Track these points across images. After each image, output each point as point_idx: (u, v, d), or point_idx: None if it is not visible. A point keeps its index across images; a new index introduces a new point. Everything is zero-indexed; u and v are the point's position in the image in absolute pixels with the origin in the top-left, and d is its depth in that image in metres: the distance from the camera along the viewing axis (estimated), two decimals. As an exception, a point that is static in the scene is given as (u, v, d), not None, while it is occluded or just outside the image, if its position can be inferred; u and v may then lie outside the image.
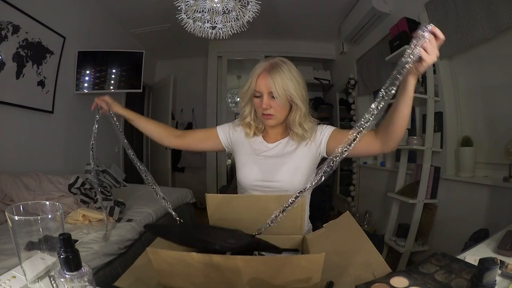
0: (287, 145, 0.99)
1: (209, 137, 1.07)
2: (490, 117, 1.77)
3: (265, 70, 0.90)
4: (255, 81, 0.90)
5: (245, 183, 0.99)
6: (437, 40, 0.63)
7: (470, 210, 1.75)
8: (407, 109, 0.73)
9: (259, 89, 0.90)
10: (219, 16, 1.69)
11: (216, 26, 1.75)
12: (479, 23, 1.64)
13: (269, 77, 0.88)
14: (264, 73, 0.89)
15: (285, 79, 0.88)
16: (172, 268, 0.56)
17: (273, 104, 0.90)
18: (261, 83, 0.90)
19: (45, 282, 0.48)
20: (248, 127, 1.01)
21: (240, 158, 1.02)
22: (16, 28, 1.90)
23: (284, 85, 0.87)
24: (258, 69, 0.91)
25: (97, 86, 2.65)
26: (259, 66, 0.92)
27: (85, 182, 1.82)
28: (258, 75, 0.90)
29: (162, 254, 0.55)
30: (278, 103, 0.89)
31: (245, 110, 0.99)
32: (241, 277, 0.53)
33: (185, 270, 0.55)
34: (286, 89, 0.88)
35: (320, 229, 0.82)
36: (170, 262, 0.55)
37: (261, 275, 0.53)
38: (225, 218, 0.84)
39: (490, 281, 0.47)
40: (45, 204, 0.48)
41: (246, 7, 1.67)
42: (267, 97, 0.90)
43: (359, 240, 0.71)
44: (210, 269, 0.53)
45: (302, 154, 0.96)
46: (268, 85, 0.88)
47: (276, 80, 0.87)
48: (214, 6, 1.63)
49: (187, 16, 1.71)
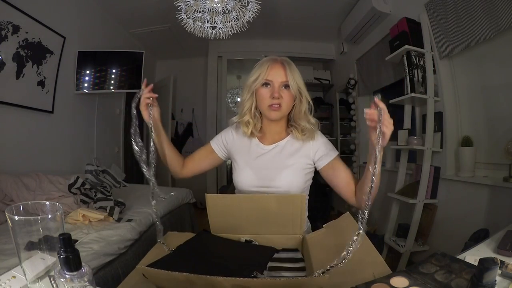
0: (284, 148, 0.98)
1: (206, 155, 1.07)
2: (490, 117, 1.77)
3: (277, 62, 0.92)
4: (266, 71, 0.91)
5: (241, 188, 0.99)
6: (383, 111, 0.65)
7: (470, 210, 1.75)
8: (377, 180, 0.71)
9: (270, 78, 0.91)
10: (219, 16, 1.70)
11: (216, 26, 1.75)
12: (479, 23, 1.64)
13: (284, 68, 0.91)
14: (277, 64, 0.91)
15: (296, 72, 0.92)
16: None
17: (283, 94, 0.91)
18: (274, 73, 0.91)
19: (45, 282, 0.48)
20: (246, 126, 0.99)
21: (237, 163, 1.01)
22: (16, 28, 1.90)
23: (297, 77, 0.91)
24: (268, 62, 0.92)
25: (97, 86, 2.66)
26: (267, 59, 0.93)
27: (85, 182, 1.82)
28: (270, 66, 0.91)
29: (151, 272, 0.56)
30: (288, 93, 0.91)
31: (245, 105, 0.97)
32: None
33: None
34: (298, 82, 0.91)
35: (320, 229, 0.82)
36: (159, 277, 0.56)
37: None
38: (225, 218, 0.84)
39: (490, 281, 0.47)
40: (45, 204, 0.48)
41: (246, 7, 1.67)
42: (278, 86, 0.91)
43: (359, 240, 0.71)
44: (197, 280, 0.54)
45: (300, 157, 0.95)
46: (282, 74, 0.90)
47: (292, 71, 0.91)
48: (214, 6, 1.63)
49: (187, 16, 1.71)
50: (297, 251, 0.82)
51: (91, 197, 1.77)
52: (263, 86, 0.92)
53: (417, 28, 2.06)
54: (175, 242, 0.81)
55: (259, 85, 0.92)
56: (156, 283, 0.59)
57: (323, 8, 2.96)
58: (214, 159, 1.06)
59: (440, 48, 1.94)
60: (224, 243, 0.82)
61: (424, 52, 1.99)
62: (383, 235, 2.31)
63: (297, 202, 0.78)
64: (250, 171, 0.97)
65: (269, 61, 0.92)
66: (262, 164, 0.97)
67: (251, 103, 0.97)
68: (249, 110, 0.98)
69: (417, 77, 2.01)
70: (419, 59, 2.02)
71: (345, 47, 3.48)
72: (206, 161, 1.07)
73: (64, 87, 2.40)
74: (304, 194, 0.80)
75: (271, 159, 0.97)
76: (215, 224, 0.85)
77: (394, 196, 2.21)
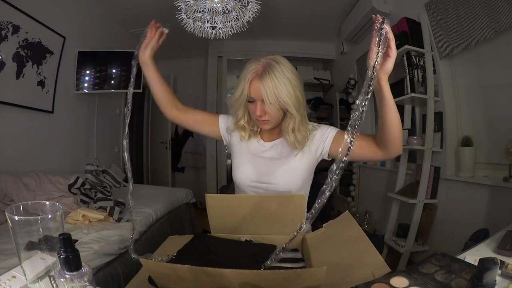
0: (283, 147, 0.97)
1: (209, 123, 1.04)
2: (490, 117, 1.77)
3: (256, 75, 0.82)
4: (248, 87, 0.84)
5: (240, 183, 0.98)
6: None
7: (470, 210, 1.75)
8: (393, 115, 0.72)
9: (252, 96, 0.85)
10: (219, 16, 1.69)
11: (216, 26, 1.75)
12: (479, 23, 1.64)
13: (260, 84, 0.81)
14: (256, 78, 0.83)
15: (277, 84, 0.80)
16: (164, 276, 0.57)
17: (267, 111, 0.85)
18: (254, 90, 0.83)
19: (45, 282, 0.48)
20: (242, 130, 0.98)
21: (236, 157, 1.01)
22: (16, 28, 1.90)
23: (276, 91, 0.80)
24: (249, 74, 0.84)
25: (97, 86, 2.65)
26: (250, 69, 0.84)
27: (85, 182, 1.82)
28: (251, 81, 0.83)
29: (153, 265, 0.57)
30: (273, 107, 0.84)
31: (238, 113, 0.94)
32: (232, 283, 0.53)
33: (176, 279, 0.56)
34: (278, 96, 0.81)
35: (320, 229, 0.82)
36: (161, 271, 0.57)
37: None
38: (225, 218, 0.84)
39: (490, 281, 0.47)
40: (45, 204, 0.48)
41: (246, 7, 1.67)
42: (260, 104, 0.84)
43: (359, 240, 0.71)
44: (201, 273, 0.53)
45: (299, 156, 0.94)
46: (260, 92, 0.82)
47: (267, 87, 0.80)
48: (214, 6, 1.63)
49: (187, 16, 1.71)
50: (297, 251, 0.82)
51: (91, 197, 1.77)
52: (249, 101, 0.87)
53: (417, 28, 2.06)
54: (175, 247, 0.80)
55: (245, 101, 0.88)
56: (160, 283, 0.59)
57: (323, 8, 2.95)
58: (214, 131, 1.04)
59: (440, 48, 1.94)
60: (224, 243, 0.82)
61: (424, 52, 1.99)
62: (383, 235, 2.31)
63: (297, 202, 0.78)
64: (249, 166, 0.97)
65: (251, 72, 0.84)
66: (261, 160, 0.97)
67: (243, 111, 0.94)
68: (243, 117, 0.95)
69: (417, 77, 2.01)
70: (419, 59, 2.02)
71: (345, 47, 3.48)
72: (206, 127, 1.05)
73: (64, 87, 2.40)
74: (304, 194, 0.80)
75: (270, 156, 0.97)
76: (215, 224, 0.85)
77: (394, 196, 2.21)
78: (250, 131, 0.98)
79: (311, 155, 0.95)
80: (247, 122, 0.97)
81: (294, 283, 0.51)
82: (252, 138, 1.00)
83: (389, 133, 0.75)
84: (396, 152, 0.80)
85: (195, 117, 1.04)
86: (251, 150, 0.99)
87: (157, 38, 0.94)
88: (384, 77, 0.67)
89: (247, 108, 0.92)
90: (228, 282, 0.52)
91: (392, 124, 0.73)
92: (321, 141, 0.93)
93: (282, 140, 0.98)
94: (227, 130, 1.02)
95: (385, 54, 0.64)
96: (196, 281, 0.54)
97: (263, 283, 0.52)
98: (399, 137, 0.76)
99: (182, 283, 0.56)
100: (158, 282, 0.59)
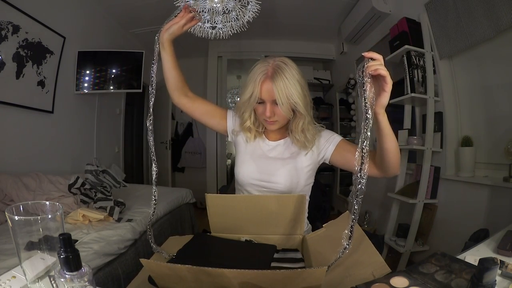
0: (287, 147, 0.98)
1: (217, 115, 1.03)
2: (490, 117, 1.77)
3: (267, 76, 0.84)
4: (259, 87, 0.85)
5: (242, 180, 0.99)
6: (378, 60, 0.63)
7: (470, 210, 1.75)
8: (391, 144, 0.73)
9: (263, 97, 0.86)
10: (219, 16, 1.69)
11: (216, 26, 1.75)
12: (479, 23, 1.64)
13: (272, 85, 0.83)
14: (267, 80, 0.84)
15: (289, 86, 0.82)
16: (164, 276, 0.57)
17: (276, 111, 0.87)
18: (264, 91, 0.85)
19: (45, 282, 0.48)
20: (248, 131, 0.99)
21: (240, 156, 1.02)
22: (16, 28, 1.90)
23: (288, 93, 0.83)
24: (259, 75, 0.85)
25: (97, 86, 2.65)
26: (260, 70, 0.85)
27: (85, 182, 1.82)
28: (262, 81, 0.84)
29: (153, 265, 0.56)
30: (281, 111, 0.86)
31: (245, 115, 0.95)
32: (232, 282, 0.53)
33: (176, 279, 0.56)
34: (290, 97, 0.83)
35: (320, 229, 0.82)
36: (161, 271, 0.57)
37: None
38: (225, 218, 0.84)
39: (490, 281, 0.47)
40: (45, 204, 0.48)
41: (246, 7, 1.67)
42: (270, 105, 0.86)
43: (359, 240, 0.71)
44: (202, 273, 0.54)
45: (302, 158, 0.95)
46: (271, 93, 0.84)
47: (279, 88, 0.82)
48: (214, 6, 1.63)
49: (187, 16, 1.70)
50: (297, 251, 0.82)
51: (91, 197, 1.77)
52: (258, 102, 0.88)
53: (417, 28, 2.06)
54: (175, 247, 0.80)
55: (255, 103, 0.88)
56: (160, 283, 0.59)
57: (323, 8, 2.95)
58: (220, 125, 1.04)
59: (440, 48, 1.94)
60: (224, 243, 0.82)
61: (424, 52, 1.99)
62: (383, 235, 2.31)
63: (297, 202, 0.78)
64: (252, 164, 0.97)
65: (260, 74, 0.85)
66: (265, 159, 0.98)
67: (250, 112, 0.95)
68: (249, 118, 0.96)
69: (417, 77, 2.01)
70: (419, 59, 2.02)
71: (345, 47, 3.48)
72: (212, 120, 1.03)
73: (64, 87, 2.40)
74: (304, 194, 0.80)
75: (274, 155, 0.98)
76: (215, 224, 0.85)
77: (394, 196, 2.21)
78: (256, 132, 1.00)
79: (314, 157, 0.96)
80: (253, 123, 0.98)
81: (294, 283, 0.51)
82: (257, 138, 1.01)
83: (386, 158, 0.76)
84: (392, 173, 0.81)
85: (204, 108, 1.03)
86: (256, 150, 1.00)
87: (182, 23, 0.90)
88: (381, 111, 0.67)
89: (253, 110, 0.93)
90: (228, 282, 0.52)
91: (389, 151, 0.75)
92: (325, 146, 0.95)
93: (287, 140, 0.99)
94: (232, 131, 1.03)
95: (381, 89, 0.64)
96: (196, 281, 0.54)
97: (263, 283, 0.52)
98: (396, 162, 0.77)
99: (182, 283, 0.56)
100: (158, 282, 0.59)
